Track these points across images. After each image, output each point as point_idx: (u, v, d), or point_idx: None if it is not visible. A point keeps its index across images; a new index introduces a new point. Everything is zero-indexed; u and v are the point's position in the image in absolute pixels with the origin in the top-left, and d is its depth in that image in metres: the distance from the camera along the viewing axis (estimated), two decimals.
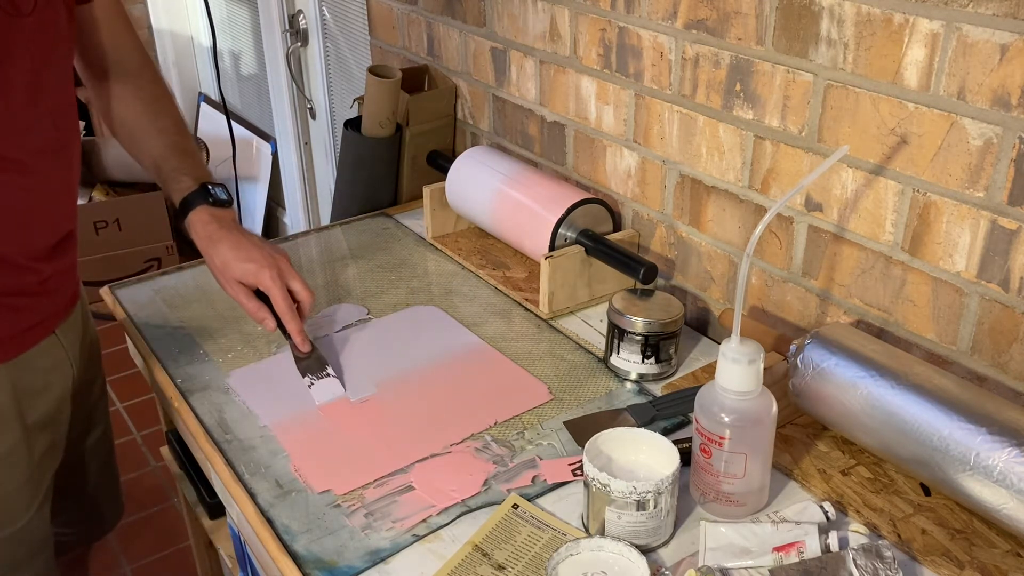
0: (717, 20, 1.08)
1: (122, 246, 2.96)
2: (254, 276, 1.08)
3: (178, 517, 2.16)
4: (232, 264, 1.09)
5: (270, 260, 1.09)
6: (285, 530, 0.90)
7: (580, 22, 1.29)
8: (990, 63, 0.84)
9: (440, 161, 1.52)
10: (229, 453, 1.01)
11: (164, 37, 3.34)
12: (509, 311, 1.27)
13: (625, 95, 1.26)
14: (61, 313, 1.08)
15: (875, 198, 0.99)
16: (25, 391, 1.03)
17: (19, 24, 0.92)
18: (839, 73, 0.97)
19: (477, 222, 1.41)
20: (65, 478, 1.16)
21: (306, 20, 2.41)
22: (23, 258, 0.99)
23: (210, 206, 1.12)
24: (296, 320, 1.10)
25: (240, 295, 1.10)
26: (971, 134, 0.88)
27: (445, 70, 1.62)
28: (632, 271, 1.18)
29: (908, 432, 0.86)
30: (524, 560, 0.86)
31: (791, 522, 0.86)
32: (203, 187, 1.12)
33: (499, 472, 0.97)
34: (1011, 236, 0.88)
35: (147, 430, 2.45)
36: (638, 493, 0.82)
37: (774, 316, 1.15)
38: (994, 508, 0.81)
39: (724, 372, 0.85)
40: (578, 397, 1.09)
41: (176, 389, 1.12)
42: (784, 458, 0.97)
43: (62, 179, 1.03)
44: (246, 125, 3.02)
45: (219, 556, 1.43)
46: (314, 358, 1.11)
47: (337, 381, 1.10)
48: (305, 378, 1.10)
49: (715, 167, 1.16)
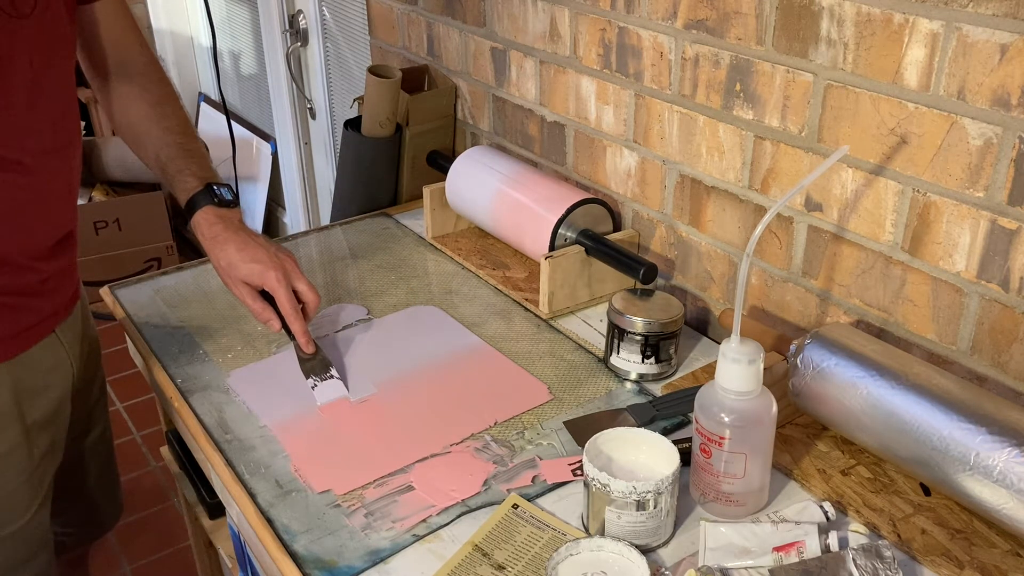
0: (717, 20, 1.08)
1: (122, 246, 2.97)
2: (259, 277, 1.08)
3: (178, 517, 2.16)
4: (238, 264, 1.08)
5: (275, 261, 1.09)
6: (285, 530, 0.90)
7: (580, 22, 1.29)
8: (990, 63, 0.84)
9: (440, 161, 1.52)
10: (229, 453, 1.01)
11: (164, 37, 3.34)
12: (509, 311, 1.27)
13: (625, 95, 1.26)
14: (61, 312, 1.08)
15: (875, 198, 0.99)
16: (25, 390, 1.03)
17: (19, 25, 0.92)
18: (839, 73, 0.97)
19: (477, 222, 1.41)
20: (65, 478, 1.16)
21: (306, 20, 2.41)
22: (23, 258, 0.99)
23: (215, 206, 1.11)
24: (300, 321, 1.10)
25: (245, 296, 1.10)
26: (971, 134, 0.88)
27: (445, 70, 1.62)
28: (632, 271, 1.18)
29: (908, 432, 0.86)
30: (524, 560, 0.86)
31: (791, 522, 0.86)
32: (208, 187, 1.12)
33: (499, 472, 0.97)
34: (1011, 236, 0.88)
35: (147, 430, 2.45)
36: (638, 493, 0.82)
37: (774, 316, 1.15)
38: (994, 508, 0.81)
39: (724, 372, 0.85)
40: (578, 397, 1.09)
41: (176, 389, 1.12)
42: (784, 458, 0.97)
43: (62, 179, 1.03)
44: (246, 125, 3.02)
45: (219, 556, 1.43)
46: (318, 360, 1.11)
47: (340, 383, 1.10)
48: (309, 379, 1.10)
49: (715, 167, 1.16)
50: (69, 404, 1.12)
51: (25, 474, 1.05)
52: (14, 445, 1.03)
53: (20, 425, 1.03)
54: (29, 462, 1.05)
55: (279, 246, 1.13)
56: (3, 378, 1.00)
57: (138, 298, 1.32)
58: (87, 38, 1.11)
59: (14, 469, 1.04)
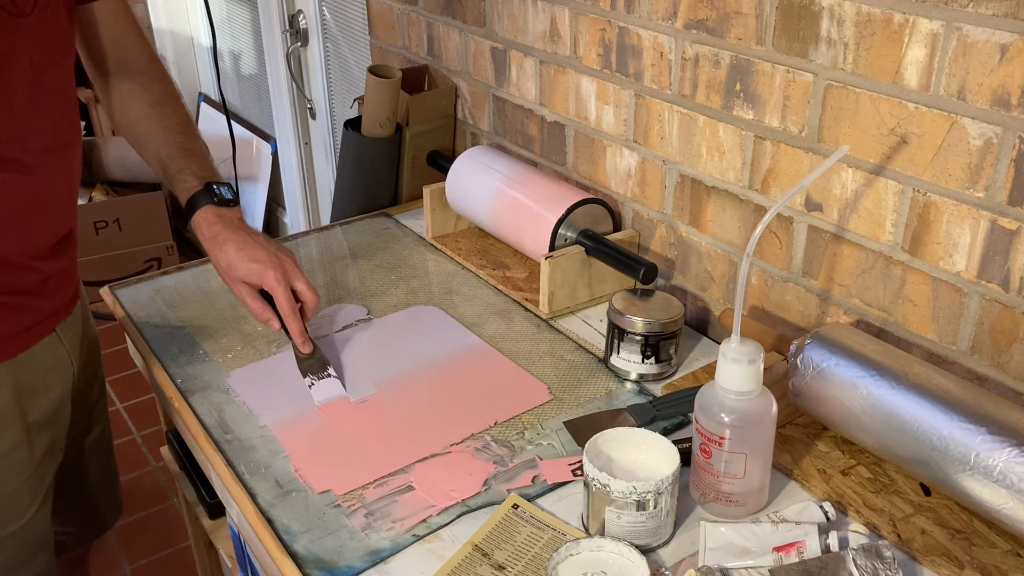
0: (717, 20, 1.08)
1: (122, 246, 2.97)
2: (258, 276, 1.08)
3: (178, 517, 2.16)
4: (237, 264, 1.08)
5: (275, 261, 1.09)
6: (285, 530, 0.90)
7: (580, 22, 1.29)
8: (990, 63, 0.84)
9: (440, 161, 1.52)
10: (229, 453, 1.01)
11: (164, 37, 3.34)
12: (509, 311, 1.27)
13: (625, 95, 1.26)
14: (61, 312, 1.08)
15: (875, 198, 0.99)
16: (26, 390, 1.03)
17: (20, 24, 0.92)
18: (839, 73, 0.97)
19: (477, 222, 1.41)
20: (65, 477, 1.16)
21: (306, 20, 2.41)
22: (24, 257, 1.00)
23: (215, 206, 1.11)
24: (298, 321, 1.10)
25: (245, 295, 1.10)
26: (971, 134, 0.88)
27: (445, 70, 1.62)
28: (632, 271, 1.18)
29: (908, 432, 0.86)
30: (524, 560, 0.86)
31: (791, 522, 0.86)
32: (208, 186, 1.12)
33: (499, 472, 0.97)
34: (1011, 236, 0.88)
35: (147, 430, 2.45)
36: (638, 493, 0.82)
37: (774, 316, 1.15)
38: (994, 508, 0.81)
39: (724, 372, 0.85)
40: (578, 397, 1.09)
41: (176, 389, 1.12)
42: (784, 458, 0.97)
43: (63, 179, 1.03)
44: (246, 125, 3.02)
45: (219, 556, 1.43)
46: (316, 359, 1.11)
47: (338, 382, 1.10)
48: (306, 378, 1.10)
49: (715, 167, 1.16)
50: (69, 403, 1.12)
51: (26, 473, 1.05)
52: (15, 444, 1.03)
53: (21, 424, 1.03)
54: (30, 461, 1.05)
55: (279, 245, 1.13)
56: (4, 377, 1.00)
57: (138, 298, 1.32)
58: (87, 37, 1.11)
59: (15, 468, 1.04)
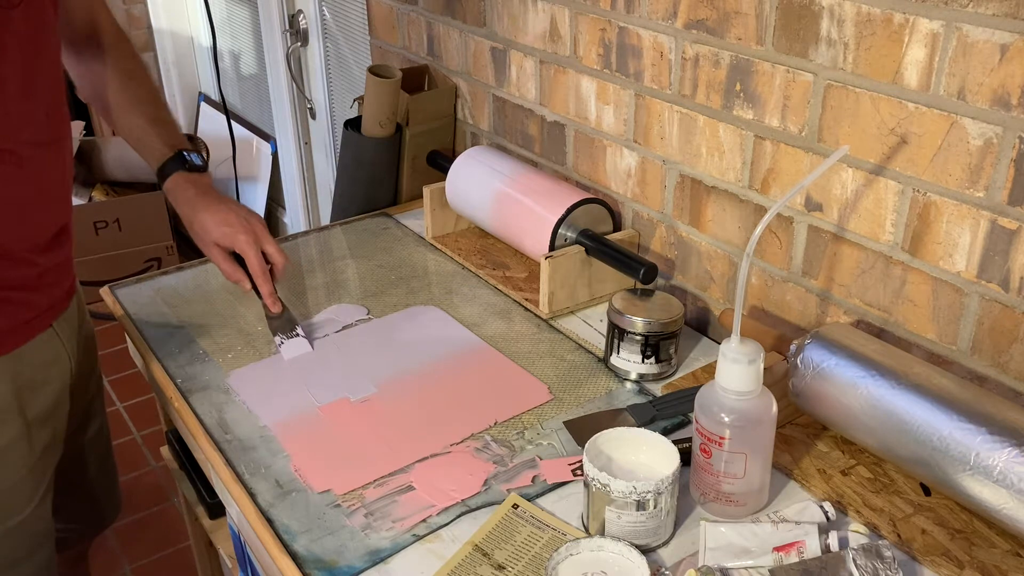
0: (717, 20, 1.08)
1: (122, 246, 2.96)
2: (231, 239, 1.15)
3: (178, 517, 2.16)
4: (210, 227, 1.14)
5: (245, 224, 1.15)
6: (285, 530, 0.90)
7: (580, 22, 1.29)
8: (990, 63, 0.84)
9: (440, 161, 1.52)
10: (229, 453, 1.01)
11: (164, 37, 3.34)
12: (509, 311, 1.27)
13: (625, 95, 1.26)
14: (58, 307, 1.09)
15: (875, 198, 0.99)
16: (25, 384, 1.03)
17: (8, 16, 0.92)
18: (839, 73, 0.97)
19: (477, 222, 1.41)
20: (65, 473, 1.17)
21: (306, 20, 2.40)
22: (21, 251, 1.00)
23: (187, 171, 1.17)
24: (268, 282, 1.16)
25: (217, 257, 1.16)
26: (971, 134, 0.88)
27: (445, 70, 1.62)
28: (632, 271, 1.18)
29: (908, 432, 0.86)
30: (524, 560, 0.86)
31: (791, 522, 0.86)
32: (179, 153, 1.17)
33: (499, 472, 0.97)
34: (1011, 236, 0.88)
35: (147, 430, 2.45)
36: (638, 493, 0.82)
37: (774, 316, 1.15)
38: (994, 508, 0.81)
39: (724, 372, 0.85)
40: (578, 397, 1.09)
41: (176, 389, 1.12)
42: (784, 458, 0.97)
43: (57, 171, 1.04)
44: (246, 125, 3.02)
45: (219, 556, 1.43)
46: (285, 319, 1.18)
47: (305, 341, 1.17)
48: (276, 337, 1.17)
49: (715, 167, 1.16)
50: (68, 398, 1.12)
51: (27, 467, 1.06)
52: (15, 439, 1.03)
53: (21, 419, 1.03)
54: (30, 456, 1.06)
55: (249, 210, 1.19)
56: (2, 373, 1.00)
57: (138, 298, 1.32)
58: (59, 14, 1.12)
59: (16, 463, 1.04)
